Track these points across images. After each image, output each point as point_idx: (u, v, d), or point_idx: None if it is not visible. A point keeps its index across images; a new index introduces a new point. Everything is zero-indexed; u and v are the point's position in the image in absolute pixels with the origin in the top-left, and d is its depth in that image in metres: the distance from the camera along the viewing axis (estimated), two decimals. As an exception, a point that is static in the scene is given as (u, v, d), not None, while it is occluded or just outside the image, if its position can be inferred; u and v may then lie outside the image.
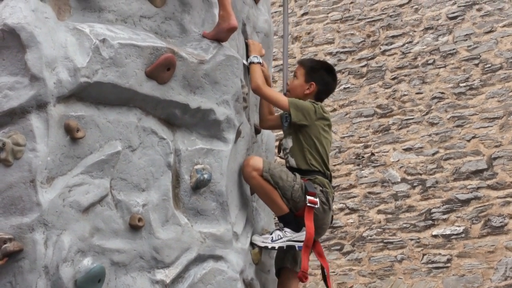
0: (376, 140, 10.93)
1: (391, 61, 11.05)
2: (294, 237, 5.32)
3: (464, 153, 10.14)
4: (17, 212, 3.95)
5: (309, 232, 5.23)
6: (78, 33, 4.21)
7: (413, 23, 10.97)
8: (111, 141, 4.35)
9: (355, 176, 11.00)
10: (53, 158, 4.01)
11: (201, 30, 4.99)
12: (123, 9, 4.61)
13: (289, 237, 5.31)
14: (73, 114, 4.16)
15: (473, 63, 10.37)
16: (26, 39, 3.96)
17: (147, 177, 4.53)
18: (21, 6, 4.00)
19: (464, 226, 9.85)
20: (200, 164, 4.85)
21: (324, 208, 5.40)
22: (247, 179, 5.24)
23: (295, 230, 5.31)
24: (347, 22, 11.63)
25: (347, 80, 11.41)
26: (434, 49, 10.72)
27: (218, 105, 4.94)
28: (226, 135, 5.02)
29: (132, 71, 4.41)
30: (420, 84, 10.71)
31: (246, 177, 5.25)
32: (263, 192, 5.23)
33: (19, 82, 3.98)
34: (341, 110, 11.36)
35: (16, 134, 3.97)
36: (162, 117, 4.71)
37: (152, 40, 4.57)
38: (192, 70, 4.74)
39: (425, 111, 10.59)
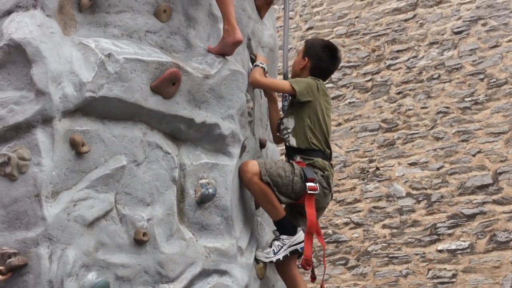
0: (381, 155, 10.91)
1: (396, 75, 11.05)
2: (293, 242, 5.34)
3: (469, 167, 10.12)
4: (22, 226, 3.95)
5: (310, 219, 5.25)
6: (83, 48, 4.22)
7: (418, 38, 10.98)
8: (116, 156, 4.36)
9: (360, 190, 10.98)
10: (58, 172, 4.01)
11: (206, 44, 5.00)
12: (129, 24, 4.62)
13: (288, 244, 5.34)
14: (79, 128, 4.16)
15: (478, 78, 10.36)
16: (32, 54, 3.97)
17: (152, 192, 4.53)
18: (27, 21, 4.01)
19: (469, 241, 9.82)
20: (205, 178, 4.85)
21: (325, 192, 5.45)
22: (248, 184, 5.23)
23: (290, 234, 5.34)
24: (352, 36, 11.64)
25: (352, 95, 11.41)
26: (439, 63, 10.72)
27: (223, 120, 4.94)
28: (231, 150, 5.03)
29: (138, 85, 4.42)
30: (425, 98, 10.71)
31: (246, 183, 5.23)
32: (263, 196, 5.22)
33: (25, 96, 3.99)
34: (346, 124, 11.35)
35: (21, 149, 3.97)
36: (167, 132, 4.72)
37: (157, 55, 4.58)
38: (197, 84, 4.75)
39: (430, 126, 10.57)
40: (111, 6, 4.52)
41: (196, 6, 4.98)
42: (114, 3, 4.53)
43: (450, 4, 10.81)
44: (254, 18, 5.93)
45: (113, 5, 4.53)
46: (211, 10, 5.06)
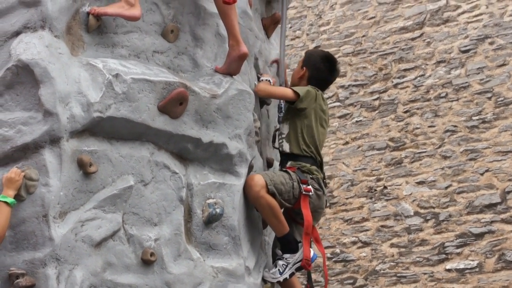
0: (389, 173, 10.89)
1: (404, 94, 11.03)
2: (296, 259, 5.35)
3: (477, 186, 10.08)
4: (30, 247, 3.96)
5: (307, 220, 5.30)
6: (91, 68, 4.24)
7: (425, 57, 10.97)
8: (124, 176, 4.36)
9: (367, 209, 10.95)
10: (65, 192, 4.02)
11: (213, 64, 5.01)
12: (136, 45, 4.64)
13: (292, 262, 5.35)
14: (86, 149, 4.17)
15: (485, 97, 10.34)
16: (40, 74, 3.98)
17: (159, 212, 4.53)
18: (35, 42, 4.03)
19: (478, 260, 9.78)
20: (213, 198, 4.85)
21: (318, 194, 5.48)
22: (255, 198, 5.19)
23: (293, 251, 5.35)
24: (359, 55, 11.64)
25: (359, 113, 11.41)
26: (447, 82, 10.70)
27: (230, 140, 4.95)
28: (238, 169, 5.03)
29: (145, 105, 4.43)
30: (433, 117, 10.68)
31: (254, 197, 5.19)
32: (270, 210, 5.21)
33: (33, 117, 4.00)
34: (353, 143, 11.34)
35: (29, 169, 3.99)
36: (174, 152, 4.72)
37: (164, 75, 4.59)
38: (204, 104, 4.75)
39: (437, 144, 10.55)
40: (118, 26, 4.54)
41: (204, 26, 5.00)
42: (122, 24, 4.55)
43: (457, 22, 10.82)
44: (261, 37, 5.94)
45: (121, 25, 4.55)
46: (218, 30, 5.08)
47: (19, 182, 3.93)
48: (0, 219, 3.87)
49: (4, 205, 3.89)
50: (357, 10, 11.77)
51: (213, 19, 5.04)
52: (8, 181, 3.92)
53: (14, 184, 3.92)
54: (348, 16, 11.94)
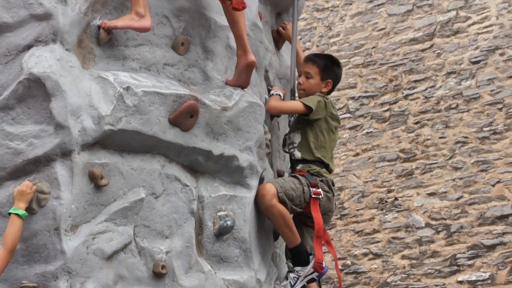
0: (400, 185, 10.87)
1: (414, 105, 11.02)
2: (307, 272, 5.32)
3: (488, 198, 10.06)
4: (41, 260, 3.96)
5: (317, 223, 5.28)
6: (102, 81, 4.25)
7: (436, 68, 10.96)
8: (135, 188, 4.37)
9: (378, 221, 10.93)
10: (77, 205, 4.03)
11: (224, 77, 5.02)
12: (147, 57, 4.65)
13: (303, 274, 5.32)
14: (97, 161, 4.18)
15: (496, 108, 10.32)
16: (51, 88, 4.00)
17: (170, 224, 4.54)
18: (46, 56, 4.05)
19: (490, 272, 9.75)
20: (223, 210, 4.85)
21: (328, 196, 5.46)
22: (268, 207, 5.16)
23: (304, 263, 5.32)
24: (369, 66, 11.64)
25: (369, 125, 11.40)
26: (457, 93, 10.69)
27: (241, 152, 4.95)
28: (249, 182, 5.02)
29: (156, 118, 4.44)
30: (443, 128, 10.67)
31: (266, 206, 5.16)
32: (282, 219, 5.19)
33: (44, 130, 4.02)
34: (364, 154, 11.33)
35: (40, 182, 4.00)
36: (185, 164, 4.73)
37: (175, 87, 4.60)
38: (215, 117, 4.76)
39: (448, 156, 10.53)
40: (129, 39, 4.56)
41: (214, 38, 5.01)
42: (132, 37, 4.56)
43: (467, 34, 10.81)
44: (271, 50, 5.95)
45: (131, 38, 4.56)
46: (229, 42, 5.08)
47: (30, 195, 3.94)
48: (12, 231, 3.88)
49: (15, 218, 3.91)
50: (367, 22, 11.78)
51: (224, 31, 5.05)
52: (20, 194, 3.93)
53: (25, 197, 3.93)
54: (358, 27, 11.95)
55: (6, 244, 3.88)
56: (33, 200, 3.96)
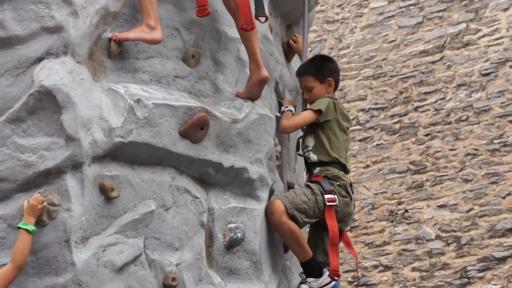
0: (410, 197, 10.86)
1: (424, 117, 11.02)
2: (320, 284, 5.29)
3: (499, 210, 10.03)
4: (52, 272, 3.96)
5: (332, 230, 5.26)
6: (113, 94, 4.26)
7: (446, 80, 10.96)
8: (145, 201, 4.37)
9: (388, 233, 10.92)
10: (87, 218, 4.03)
11: (234, 89, 5.02)
12: (158, 70, 4.66)
13: (316, 286, 5.29)
14: (108, 174, 4.19)
15: (507, 120, 10.31)
16: (62, 100, 4.01)
17: (180, 236, 4.53)
18: (57, 68, 4.06)
19: (500, 285, 9.71)
20: (234, 223, 4.85)
21: (345, 201, 5.43)
22: (277, 225, 5.17)
23: (317, 276, 5.30)
24: (380, 78, 11.65)
25: (380, 137, 11.40)
26: (467, 105, 10.68)
27: (251, 164, 4.95)
28: (259, 194, 5.02)
29: (166, 130, 4.44)
30: (454, 140, 10.66)
31: (275, 223, 5.17)
32: (292, 236, 5.18)
33: (55, 142, 4.02)
34: (374, 166, 11.32)
35: (51, 194, 4.00)
36: (195, 176, 4.73)
37: (186, 99, 4.61)
38: (225, 129, 4.76)
39: (459, 168, 10.52)
40: (140, 52, 4.57)
41: (225, 51, 5.02)
42: (143, 49, 4.57)
43: (477, 46, 10.81)
44: (281, 62, 5.95)
45: (142, 51, 4.57)
46: (239, 55, 5.09)
47: (40, 210, 3.94)
48: (21, 247, 3.88)
49: (25, 233, 3.90)
50: (377, 34, 11.79)
51: (234, 44, 5.06)
52: (30, 208, 3.93)
53: (35, 212, 3.93)
54: (368, 39, 11.95)
55: (15, 259, 3.88)
56: (43, 212, 3.96)
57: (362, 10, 12.04)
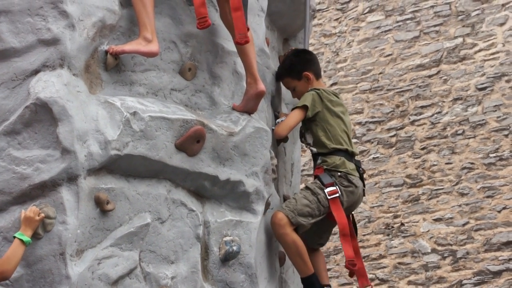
0: (406, 210, 10.86)
1: (420, 131, 11.03)
2: None
3: (495, 224, 10.04)
4: (47, 285, 3.96)
5: (340, 222, 5.31)
6: (109, 106, 4.26)
7: (442, 94, 10.98)
8: (141, 213, 4.36)
9: (384, 246, 10.92)
10: (83, 230, 4.02)
11: (230, 102, 5.02)
12: (154, 83, 4.66)
13: None
14: (103, 186, 4.18)
15: (502, 134, 10.33)
16: (58, 112, 4.00)
17: (176, 249, 4.53)
18: (53, 81, 4.06)
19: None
20: (229, 236, 4.84)
21: (348, 190, 5.45)
22: (280, 235, 5.22)
23: None
24: (376, 92, 11.66)
25: (376, 150, 11.40)
26: (463, 119, 10.70)
27: (247, 177, 4.94)
28: (255, 207, 5.02)
29: (162, 143, 4.44)
30: (450, 154, 10.67)
31: (279, 234, 5.22)
32: (295, 248, 5.21)
33: (51, 155, 4.02)
34: (370, 180, 11.32)
35: (46, 207, 3.99)
36: (191, 189, 4.72)
37: (182, 112, 4.61)
38: (221, 142, 4.76)
39: (455, 182, 10.53)
40: (136, 64, 4.57)
41: (221, 64, 5.02)
42: (140, 62, 4.58)
43: (473, 60, 10.83)
44: (278, 75, 5.96)
45: (139, 64, 4.58)
46: (236, 68, 5.10)
47: (37, 223, 3.93)
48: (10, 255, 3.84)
49: (19, 243, 3.89)
50: (374, 48, 11.82)
51: (231, 57, 5.07)
52: (27, 220, 3.92)
53: (33, 224, 3.92)
54: (365, 53, 11.98)
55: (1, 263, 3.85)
56: (39, 225, 3.95)
57: (359, 24, 12.07)
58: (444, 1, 11.31)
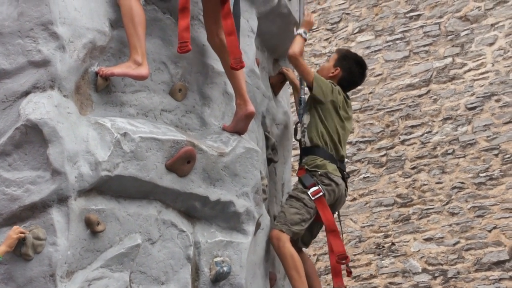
0: (397, 230, 10.86)
1: (411, 150, 11.04)
2: None
3: (485, 243, 10.04)
4: (37, 306, 3.95)
5: (326, 219, 5.47)
6: (99, 127, 4.26)
7: (432, 113, 10.99)
8: (131, 234, 4.36)
9: (375, 266, 10.90)
10: (73, 252, 4.01)
11: (221, 123, 5.04)
12: (145, 103, 4.67)
13: None
14: (94, 207, 4.18)
15: (492, 153, 10.34)
16: (49, 134, 4.00)
17: (166, 270, 4.52)
18: (44, 102, 4.06)
19: (486, 319, 9.70)
20: (220, 256, 4.84)
21: (330, 188, 5.59)
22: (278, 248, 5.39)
23: None
24: (366, 112, 11.68)
25: (366, 170, 11.40)
26: (454, 139, 10.71)
27: (237, 197, 4.95)
28: (245, 227, 5.02)
29: (153, 164, 4.44)
30: (440, 173, 10.68)
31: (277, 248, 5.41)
32: (292, 262, 5.35)
33: (41, 176, 4.01)
34: (361, 199, 11.32)
35: (37, 228, 3.99)
36: (182, 210, 4.72)
37: (172, 133, 4.61)
38: (212, 162, 4.77)
39: (445, 201, 10.53)
40: (127, 85, 4.58)
41: (211, 85, 5.03)
42: (130, 83, 4.58)
43: (463, 80, 10.87)
44: (268, 96, 5.98)
45: (129, 85, 4.59)
46: (226, 88, 5.11)
47: (13, 240, 3.91)
48: None
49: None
50: (363, 67, 11.84)
51: (221, 77, 5.08)
52: (5, 238, 3.92)
53: (8, 240, 3.90)
54: (355, 73, 11.99)
55: None
56: (29, 246, 3.94)
57: (349, 44, 12.09)
58: (434, 21, 11.36)
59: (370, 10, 11.99)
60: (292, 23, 6.21)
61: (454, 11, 11.20)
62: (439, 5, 11.35)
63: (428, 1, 11.46)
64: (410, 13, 11.60)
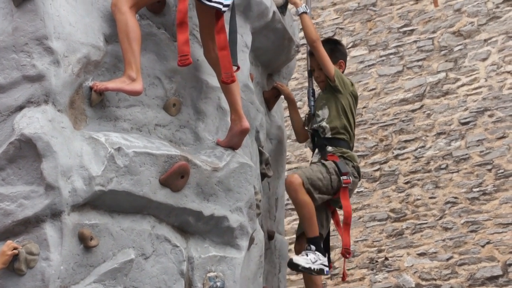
0: (390, 245, 10.86)
1: (404, 165, 11.06)
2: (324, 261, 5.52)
3: (478, 258, 10.04)
4: (30, 322, 3.93)
5: (347, 210, 5.61)
6: (93, 142, 4.26)
7: (426, 128, 11.01)
8: (125, 249, 4.35)
9: (368, 281, 10.89)
10: (66, 267, 4.00)
11: (215, 137, 5.04)
12: (139, 118, 4.67)
13: (321, 261, 5.50)
14: (87, 222, 4.17)
15: (486, 169, 10.36)
16: (43, 148, 4.00)
17: (159, 285, 4.51)
18: (38, 117, 4.06)
19: (480, 334, 9.70)
20: (213, 271, 4.83)
21: (355, 181, 5.75)
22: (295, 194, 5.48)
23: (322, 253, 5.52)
24: (360, 126, 11.68)
25: (360, 184, 11.41)
26: (447, 154, 10.73)
27: (231, 212, 4.95)
28: (239, 242, 5.02)
29: (147, 179, 4.44)
30: (433, 188, 10.69)
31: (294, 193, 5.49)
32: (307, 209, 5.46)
33: (35, 191, 4.01)
34: (354, 214, 11.30)
35: (30, 243, 3.98)
36: (175, 225, 4.72)
37: (166, 148, 4.61)
38: (205, 177, 4.77)
39: (438, 216, 10.53)
40: (121, 100, 4.58)
41: (205, 99, 5.04)
42: (124, 98, 4.59)
43: (456, 95, 10.89)
44: (262, 110, 5.98)
45: (123, 99, 4.59)
46: (220, 103, 5.12)
47: (8, 257, 3.90)
48: None
49: None
50: (357, 82, 11.85)
51: (215, 92, 5.09)
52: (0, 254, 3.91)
53: (2, 258, 3.89)
54: (348, 87, 12.01)
55: None
56: (22, 261, 3.93)
57: (343, 59, 12.12)
58: (427, 36, 11.39)
59: (364, 25, 12.03)
60: (286, 38, 6.22)
61: (448, 26, 11.24)
62: (433, 20, 11.39)
63: (422, 16, 11.50)
64: (403, 28, 11.64)
